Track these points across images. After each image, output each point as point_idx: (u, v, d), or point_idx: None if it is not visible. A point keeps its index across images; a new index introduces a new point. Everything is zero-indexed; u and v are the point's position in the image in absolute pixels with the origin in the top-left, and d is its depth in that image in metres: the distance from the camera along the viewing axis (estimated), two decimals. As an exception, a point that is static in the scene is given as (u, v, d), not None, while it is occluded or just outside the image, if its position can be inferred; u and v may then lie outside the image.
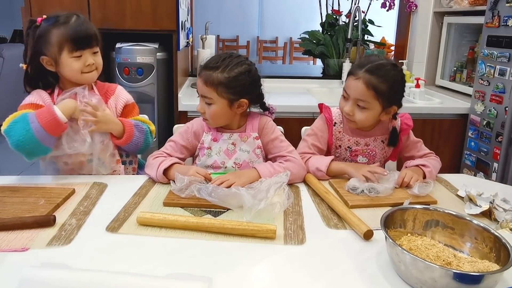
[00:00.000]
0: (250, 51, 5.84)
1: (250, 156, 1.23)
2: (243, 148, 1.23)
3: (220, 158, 1.23)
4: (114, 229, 0.88)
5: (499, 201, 1.01)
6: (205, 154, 1.24)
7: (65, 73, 1.19)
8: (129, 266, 0.74)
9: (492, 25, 1.90)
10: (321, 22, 2.86)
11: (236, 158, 1.23)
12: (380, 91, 1.14)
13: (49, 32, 1.15)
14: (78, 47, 1.16)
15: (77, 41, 1.15)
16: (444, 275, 0.64)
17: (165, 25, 2.04)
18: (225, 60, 1.15)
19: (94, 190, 1.08)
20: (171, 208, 0.99)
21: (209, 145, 1.23)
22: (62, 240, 0.82)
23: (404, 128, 1.28)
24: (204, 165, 1.24)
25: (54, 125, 1.09)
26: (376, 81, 1.14)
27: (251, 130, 1.24)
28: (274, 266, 0.78)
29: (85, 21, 1.19)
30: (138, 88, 2.09)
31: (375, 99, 1.15)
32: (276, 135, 1.25)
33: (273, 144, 1.23)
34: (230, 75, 1.14)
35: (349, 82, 1.19)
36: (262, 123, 1.25)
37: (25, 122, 1.07)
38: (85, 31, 1.17)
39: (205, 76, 1.15)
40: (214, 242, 0.84)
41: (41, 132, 1.06)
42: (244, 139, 1.23)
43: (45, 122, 1.07)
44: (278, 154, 1.22)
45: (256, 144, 1.23)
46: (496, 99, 1.89)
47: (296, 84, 2.58)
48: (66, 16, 1.17)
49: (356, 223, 0.89)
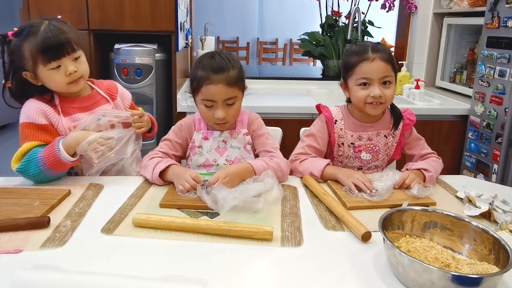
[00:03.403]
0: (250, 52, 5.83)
1: (241, 153, 1.24)
2: (233, 145, 1.23)
3: (212, 156, 1.23)
4: (110, 231, 0.87)
5: (499, 203, 1.00)
6: (196, 153, 1.24)
7: (51, 86, 1.14)
8: (124, 268, 0.73)
9: (492, 26, 1.89)
10: (321, 23, 2.85)
11: (228, 155, 1.23)
12: (393, 63, 1.21)
13: (20, 47, 1.08)
14: (52, 57, 1.08)
15: (49, 50, 1.07)
16: (443, 277, 0.63)
17: (164, 26, 2.04)
18: (226, 56, 1.16)
19: (90, 192, 1.07)
20: (167, 209, 0.98)
21: (200, 143, 1.23)
22: (56, 241, 0.81)
23: (406, 123, 1.28)
24: (196, 164, 1.24)
25: (62, 166, 1.09)
26: (386, 55, 1.19)
27: (240, 126, 1.25)
28: (270, 268, 0.77)
29: (56, 27, 1.09)
30: (136, 89, 2.09)
31: (393, 71, 1.20)
32: (264, 132, 1.26)
33: (259, 140, 1.25)
34: (238, 67, 1.16)
35: (367, 67, 1.18)
36: (251, 120, 1.27)
37: (35, 163, 1.07)
38: (55, 39, 1.07)
39: (224, 79, 1.11)
40: (210, 243, 0.83)
41: (53, 171, 1.09)
42: (234, 136, 1.24)
43: (53, 164, 1.07)
44: (264, 149, 1.23)
45: (246, 140, 1.24)
46: (496, 100, 1.88)
47: (296, 86, 2.57)
48: (36, 26, 1.08)
49: (354, 225, 0.88)
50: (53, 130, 1.16)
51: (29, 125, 1.12)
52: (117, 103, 1.30)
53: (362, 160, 1.28)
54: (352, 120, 1.28)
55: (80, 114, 1.20)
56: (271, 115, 1.95)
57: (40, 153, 1.08)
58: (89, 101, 1.24)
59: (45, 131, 1.13)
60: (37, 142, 1.11)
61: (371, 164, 1.29)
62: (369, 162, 1.29)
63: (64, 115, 1.18)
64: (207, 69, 1.12)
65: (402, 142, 1.30)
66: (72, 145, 1.09)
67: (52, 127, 1.15)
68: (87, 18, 1.99)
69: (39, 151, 1.09)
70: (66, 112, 1.18)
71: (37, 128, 1.12)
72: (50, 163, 1.07)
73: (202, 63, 1.14)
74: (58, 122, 1.16)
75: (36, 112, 1.13)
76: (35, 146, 1.11)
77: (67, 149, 1.09)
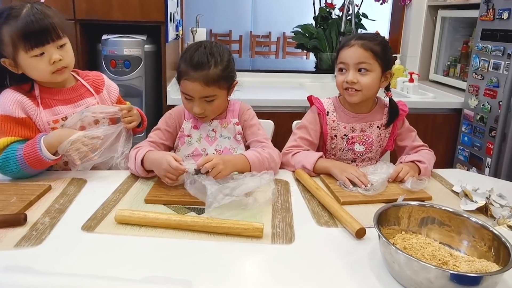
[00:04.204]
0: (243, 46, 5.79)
1: (231, 143, 1.20)
2: (223, 135, 1.20)
3: (201, 145, 1.19)
4: (90, 228, 0.82)
5: (495, 197, 0.97)
6: (185, 142, 1.20)
7: (32, 75, 1.07)
8: (104, 269, 0.69)
9: (487, 19, 1.87)
10: (314, 15, 2.81)
11: (217, 145, 1.20)
12: (376, 52, 1.16)
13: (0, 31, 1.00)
14: (35, 44, 0.99)
15: (31, 36, 0.98)
16: (441, 276, 0.60)
17: (153, 16, 1.98)
18: (212, 51, 1.09)
19: (72, 187, 1.02)
20: (153, 205, 0.93)
21: (189, 132, 1.19)
22: (33, 240, 0.76)
23: (399, 113, 1.26)
24: (185, 154, 1.20)
25: (43, 164, 1.04)
26: (370, 44, 1.16)
27: (231, 116, 1.21)
28: (260, 267, 0.74)
29: (40, 11, 1.01)
30: (125, 81, 2.03)
31: (374, 59, 1.16)
32: (255, 122, 1.23)
33: (251, 131, 1.22)
34: (223, 65, 1.09)
35: (344, 52, 1.18)
36: (242, 110, 1.23)
37: (14, 161, 1.01)
38: (38, 23, 0.99)
39: (201, 78, 1.06)
40: (197, 241, 0.79)
41: (32, 170, 1.04)
42: (224, 125, 1.20)
43: (33, 163, 1.02)
44: (255, 139, 1.20)
45: (236, 130, 1.20)
46: (490, 93, 1.87)
47: (288, 79, 2.54)
48: (17, 9, 1.00)
49: (348, 221, 0.84)
50: (31, 124, 1.09)
51: (6, 118, 1.06)
52: (103, 96, 1.23)
53: (355, 152, 1.25)
54: (344, 112, 1.25)
55: (62, 107, 1.14)
56: (263, 108, 1.92)
57: (20, 151, 1.02)
58: (72, 94, 1.17)
59: (23, 125, 1.07)
60: (15, 137, 1.05)
61: (365, 156, 1.27)
62: (362, 154, 1.26)
63: (43, 107, 1.11)
64: (188, 63, 1.07)
65: (395, 132, 1.29)
66: (54, 144, 1.03)
67: (30, 121, 1.09)
68: (73, 7, 1.92)
69: (18, 148, 1.03)
70: (46, 104, 1.12)
71: (15, 122, 1.06)
72: (30, 162, 1.02)
73: (186, 54, 1.09)
74: (36, 115, 1.09)
75: (12, 104, 1.06)
76: (13, 141, 1.04)
77: (49, 147, 1.03)
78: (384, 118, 1.26)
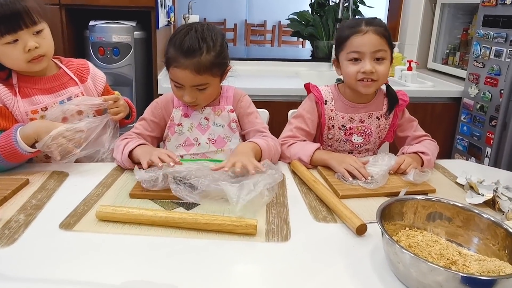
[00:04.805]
0: (238, 34, 5.69)
1: (224, 131, 1.14)
2: (217, 122, 1.13)
3: (193, 134, 1.12)
4: (69, 226, 0.76)
5: (502, 189, 0.92)
6: (175, 131, 1.13)
7: (7, 64, 1.00)
8: (81, 271, 0.63)
9: (489, 4, 1.81)
10: (311, 2, 2.73)
11: (210, 134, 1.13)
12: (387, 37, 1.11)
13: None
14: (6, 30, 0.93)
15: (1, 21, 0.93)
16: (452, 279, 0.55)
17: (142, 1, 1.90)
18: (203, 36, 1.01)
19: (52, 180, 0.95)
20: (138, 200, 0.87)
21: (180, 121, 1.12)
22: (4, 240, 0.70)
23: (400, 103, 1.21)
24: (175, 144, 1.13)
25: (20, 157, 0.97)
26: (382, 29, 1.10)
27: (225, 103, 1.14)
28: (254, 266, 0.68)
29: None
30: (114, 69, 1.96)
31: (388, 46, 1.11)
32: (253, 111, 1.17)
33: (248, 119, 1.15)
34: (216, 51, 1.01)
35: (357, 40, 1.09)
36: (237, 96, 1.16)
37: None
38: (9, 7, 0.93)
39: (193, 65, 0.98)
40: (185, 239, 0.73)
41: (8, 163, 0.97)
42: (217, 112, 1.13)
43: (8, 155, 0.95)
44: (254, 128, 1.14)
45: (231, 117, 1.14)
46: (491, 81, 1.82)
47: (284, 67, 2.48)
48: None
49: (347, 216, 0.79)
50: (8, 113, 1.02)
51: None
52: (88, 86, 1.15)
53: (353, 143, 1.19)
54: (343, 101, 1.19)
55: (42, 96, 1.06)
56: (258, 97, 1.84)
57: None
58: (54, 82, 1.09)
59: None
60: None
61: (363, 147, 1.21)
62: (360, 146, 1.21)
63: (21, 96, 1.04)
64: (178, 48, 0.99)
65: (395, 124, 1.23)
66: (31, 136, 0.96)
67: (6, 110, 1.02)
68: (58, -8, 1.83)
69: None
70: (24, 93, 1.04)
71: None
72: (6, 154, 0.95)
73: (175, 39, 1.01)
74: (13, 104, 1.02)
75: None
76: None
77: (26, 139, 0.96)
78: (384, 108, 1.20)
